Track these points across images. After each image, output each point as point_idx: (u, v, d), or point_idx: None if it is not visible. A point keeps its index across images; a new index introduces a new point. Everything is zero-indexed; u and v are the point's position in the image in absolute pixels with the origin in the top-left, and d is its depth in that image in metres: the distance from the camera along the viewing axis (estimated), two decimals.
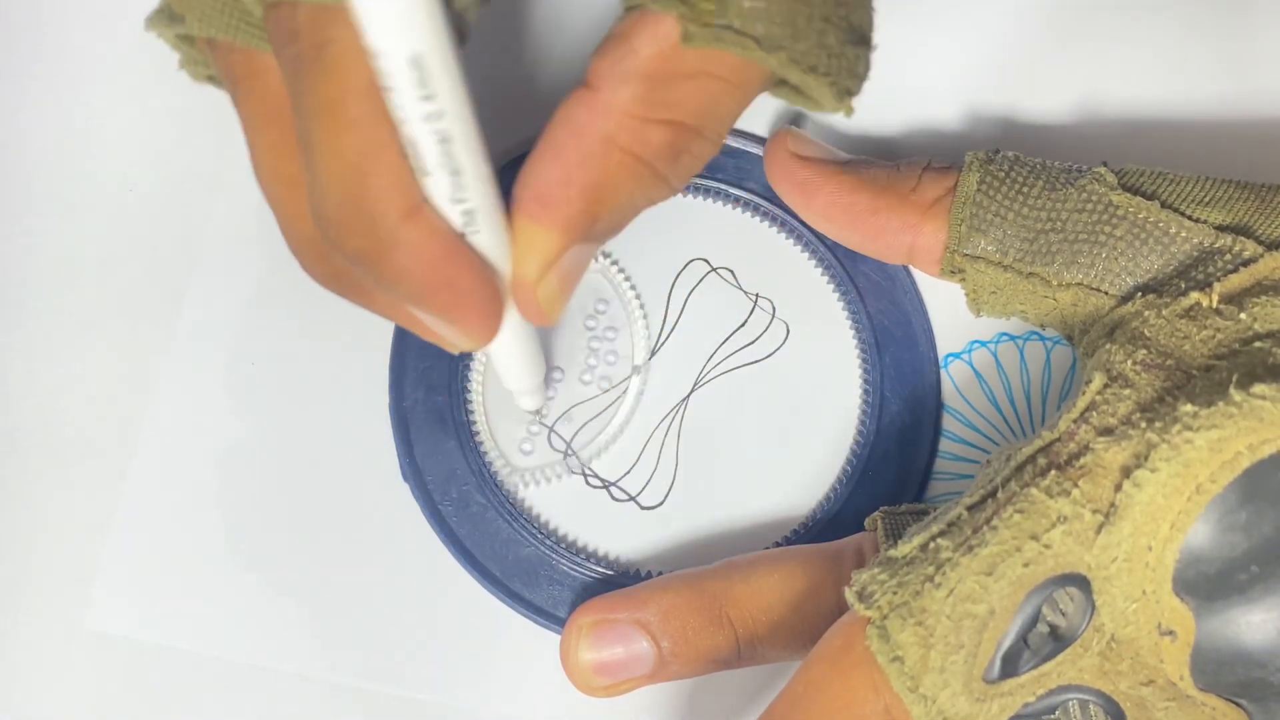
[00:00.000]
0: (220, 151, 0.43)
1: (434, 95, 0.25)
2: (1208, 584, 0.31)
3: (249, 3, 0.27)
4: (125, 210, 0.43)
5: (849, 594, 0.32)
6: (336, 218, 0.26)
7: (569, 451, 0.41)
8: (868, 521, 0.37)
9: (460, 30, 0.28)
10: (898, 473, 0.40)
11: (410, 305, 0.28)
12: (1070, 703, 0.31)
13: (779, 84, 0.30)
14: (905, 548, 0.32)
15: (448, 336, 0.30)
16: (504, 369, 0.36)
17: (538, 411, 0.41)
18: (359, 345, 0.41)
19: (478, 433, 0.41)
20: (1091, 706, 0.32)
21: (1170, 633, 0.31)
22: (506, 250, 0.29)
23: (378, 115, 0.25)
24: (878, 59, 0.34)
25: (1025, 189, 0.36)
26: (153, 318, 0.42)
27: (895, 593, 0.31)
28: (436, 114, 0.25)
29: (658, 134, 0.28)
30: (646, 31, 0.28)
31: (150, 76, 0.44)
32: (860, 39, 0.30)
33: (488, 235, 0.28)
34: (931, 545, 0.32)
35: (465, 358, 0.41)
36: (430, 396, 0.41)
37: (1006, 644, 0.31)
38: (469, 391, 0.41)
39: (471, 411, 0.41)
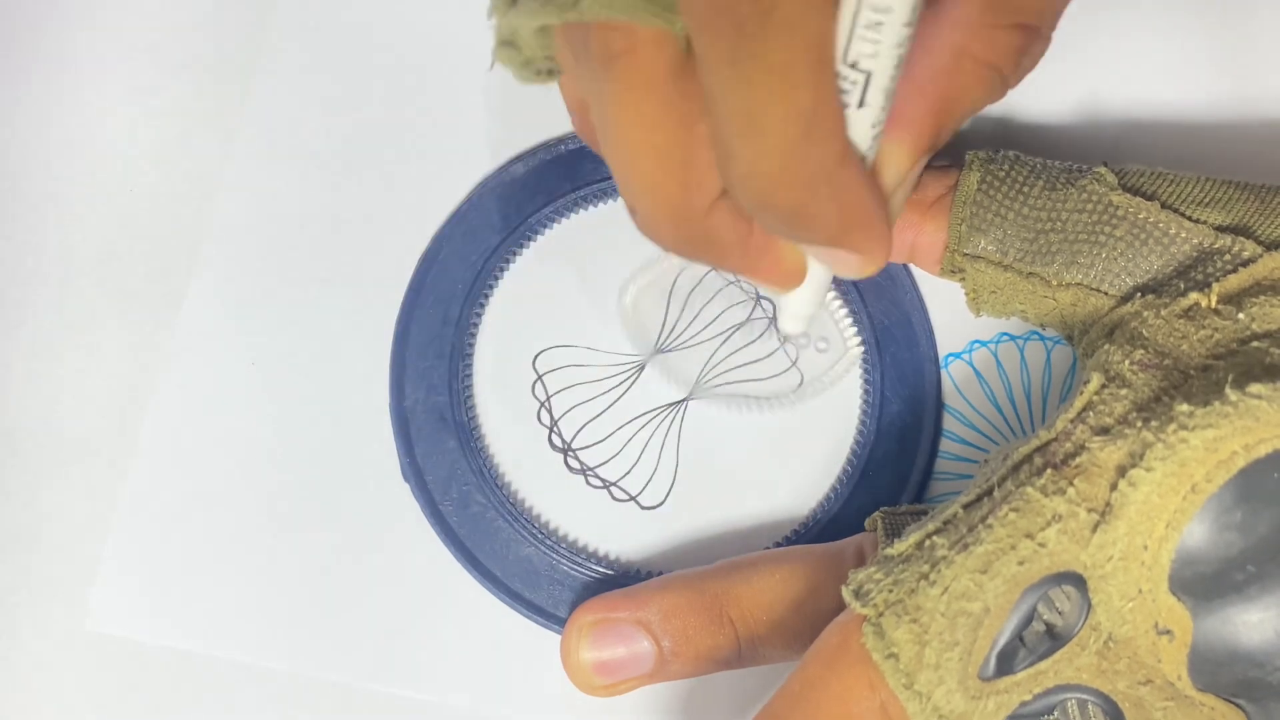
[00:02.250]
0: (220, 150, 0.43)
1: (914, 21, 0.25)
2: (1204, 583, 0.31)
3: None
4: (125, 210, 0.43)
5: (846, 592, 0.32)
6: (777, 174, 0.26)
7: (569, 451, 0.41)
8: (868, 522, 0.37)
9: None
10: (898, 473, 0.40)
11: (821, 245, 0.29)
12: (1068, 702, 0.31)
13: None
14: (901, 546, 0.32)
15: (845, 267, 0.30)
16: (808, 288, 0.35)
17: (789, 337, 0.41)
18: (359, 345, 0.42)
19: (478, 433, 0.41)
20: (1090, 706, 0.31)
21: (1167, 632, 0.31)
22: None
23: (826, 68, 0.26)
24: None
25: (1025, 189, 0.36)
26: (153, 318, 0.42)
27: (891, 590, 0.31)
28: (908, 38, 0.25)
29: (1006, 38, 0.29)
30: None
31: (150, 76, 0.44)
32: None
33: (874, 156, 0.28)
34: (927, 543, 0.32)
35: (465, 359, 0.41)
36: (430, 396, 0.41)
37: (1002, 642, 0.31)
38: (469, 391, 0.41)
39: (472, 411, 0.41)
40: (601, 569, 0.40)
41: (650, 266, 0.42)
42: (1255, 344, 0.32)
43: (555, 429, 0.41)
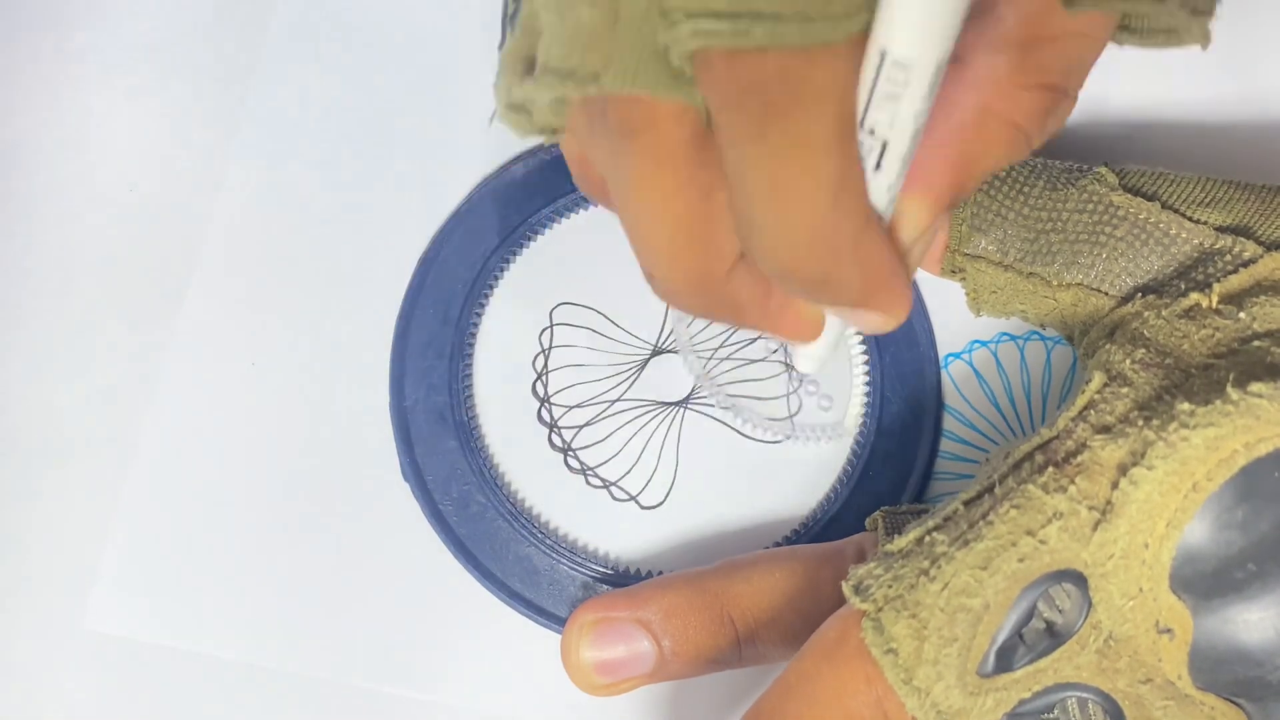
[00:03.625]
0: (220, 151, 0.43)
1: (931, 94, 0.25)
2: (1205, 582, 0.31)
3: (675, 58, 0.26)
4: (125, 210, 0.43)
5: (846, 587, 0.32)
6: (806, 244, 0.26)
7: (569, 451, 0.41)
8: (869, 521, 0.37)
9: None
10: (898, 473, 0.40)
11: (844, 307, 0.28)
12: (1068, 700, 0.31)
13: (1124, 28, 0.30)
14: (902, 542, 0.32)
15: (866, 324, 0.30)
16: (825, 335, 0.35)
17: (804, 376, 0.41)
18: (359, 345, 0.41)
19: (478, 433, 0.41)
20: (1090, 704, 0.31)
21: (1168, 631, 0.31)
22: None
23: (848, 139, 0.25)
24: None
25: (1026, 189, 0.36)
26: (153, 318, 0.42)
27: (891, 586, 0.31)
28: (926, 110, 0.25)
29: (1031, 99, 0.28)
30: None
31: (150, 76, 0.44)
32: None
33: (890, 215, 0.28)
34: (927, 539, 0.32)
35: (465, 359, 0.41)
36: (430, 396, 0.41)
37: (1001, 638, 0.31)
38: (469, 391, 0.41)
39: (472, 411, 0.41)
40: (601, 569, 0.40)
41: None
42: (1256, 343, 0.33)
43: (555, 429, 0.41)
